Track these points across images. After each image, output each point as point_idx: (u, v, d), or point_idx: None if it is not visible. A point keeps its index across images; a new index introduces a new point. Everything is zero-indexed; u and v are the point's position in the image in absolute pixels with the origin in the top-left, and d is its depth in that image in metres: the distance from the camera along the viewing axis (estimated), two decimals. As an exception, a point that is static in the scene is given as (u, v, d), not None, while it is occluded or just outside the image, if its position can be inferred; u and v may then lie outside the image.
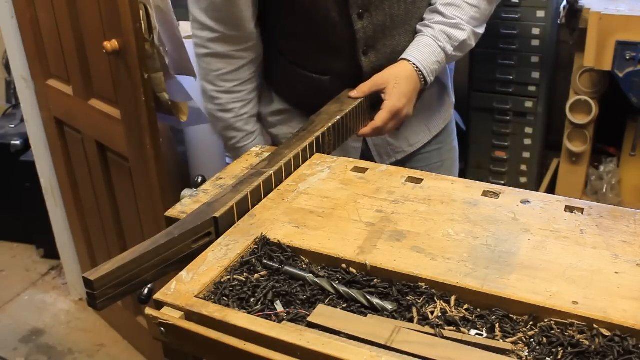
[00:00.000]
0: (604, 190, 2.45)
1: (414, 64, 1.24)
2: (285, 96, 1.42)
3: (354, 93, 1.25)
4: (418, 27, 1.29)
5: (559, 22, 2.42)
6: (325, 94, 1.29)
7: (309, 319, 0.68)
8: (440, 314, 0.69)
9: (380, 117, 1.23)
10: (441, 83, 1.47)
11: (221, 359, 0.68)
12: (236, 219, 0.87)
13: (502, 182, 2.69)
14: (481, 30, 1.32)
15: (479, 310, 0.70)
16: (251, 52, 1.34)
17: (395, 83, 1.22)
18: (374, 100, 1.26)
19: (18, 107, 2.74)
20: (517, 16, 2.48)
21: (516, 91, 2.57)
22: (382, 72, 1.25)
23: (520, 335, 0.66)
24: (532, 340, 0.66)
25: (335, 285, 0.73)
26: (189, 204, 0.94)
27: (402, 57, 1.26)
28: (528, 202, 0.89)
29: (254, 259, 0.78)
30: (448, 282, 0.72)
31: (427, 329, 0.67)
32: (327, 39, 1.28)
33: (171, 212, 0.93)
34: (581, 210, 0.87)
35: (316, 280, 0.74)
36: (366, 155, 1.44)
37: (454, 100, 1.54)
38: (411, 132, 1.44)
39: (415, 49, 1.26)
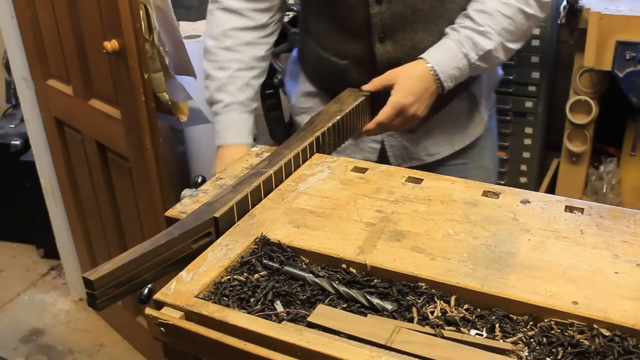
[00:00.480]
0: (604, 190, 2.45)
1: (429, 64, 1.20)
2: (312, 79, 1.44)
3: (365, 86, 1.24)
4: (446, 30, 1.24)
5: (559, 22, 2.42)
6: (344, 79, 1.29)
7: (309, 319, 0.68)
8: (440, 314, 0.69)
9: (384, 112, 1.21)
10: (472, 97, 1.41)
11: (221, 359, 0.68)
12: (236, 219, 0.87)
13: (502, 182, 2.69)
14: (514, 46, 1.24)
15: (479, 310, 0.70)
16: (264, 14, 1.31)
17: (405, 79, 1.19)
18: (385, 98, 1.24)
19: (18, 107, 2.74)
20: (517, 16, 2.48)
21: (516, 91, 2.57)
22: (396, 68, 1.22)
23: (520, 335, 0.66)
24: (532, 340, 0.66)
25: (335, 285, 0.73)
26: (189, 204, 0.94)
27: (420, 56, 1.22)
28: (528, 202, 0.89)
29: (254, 259, 0.78)
30: (448, 282, 0.72)
31: (427, 329, 0.67)
32: (347, 21, 1.27)
33: (171, 212, 0.93)
34: (581, 210, 0.87)
35: (316, 280, 0.74)
36: (383, 156, 1.42)
37: (486, 118, 1.45)
38: (432, 142, 1.40)
39: (435, 50, 1.21)
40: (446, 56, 1.20)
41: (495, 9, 1.19)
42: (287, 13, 2.43)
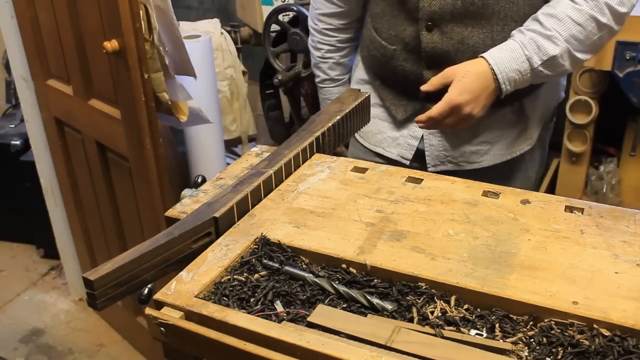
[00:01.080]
0: (604, 190, 2.45)
1: (489, 63, 1.15)
2: (366, 64, 1.45)
3: (424, 86, 1.21)
4: (512, 32, 1.19)
5: (559, 22, 2.42)
6: (392, 66, 1.30)
7: (309, 319, 0.68)
8: (440, 314, 0.69)
9: (437, 108, 1.16)
10: (524, 111, 1.34)
11: (221, 359, 0.68)
12: (236, 219, 0.87)
13: (502, 182, 2.68)
14: (583, 56, 1.17)
15: (479, 310, 0.70)
16: (347, 2, 1.42)
17: (462, 77, 1.15)
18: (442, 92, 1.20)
19: (18, 107, 2.74)
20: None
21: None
22: (455, 65, 1.18)
23: (520, 335, 0.66)
24: (532, 340, 0.66)
25: (335, 285, 0.73)
26: (189, 204, 0.94)
27: (481, 54, 1.17)
28: (528, 202, 0.89)
29: (254, 259, 0.78)
30: (448, 282, 0.72)
31: (427, 329, 0.67)
32: (399, 4, 1.27)
33: (171, 212, 0.93)
34: (581, 210, 0.87)
35: (316, 280, 0.74)
36: (420, 155, 1.39)
37: (535, 136, 1.38)
38: (473, 150, 1.35)
39: (497, 50, 1.17)
40: (508, 57, 1.15)
41: (565, 14, 1.14)
42: (287, 13, 2.43)
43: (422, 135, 1.37)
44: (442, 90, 1.19)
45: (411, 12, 1.25)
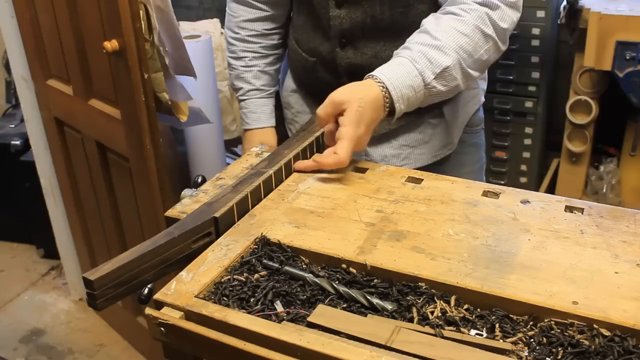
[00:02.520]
0: (604, 190, 2.45)
1: (380, 82, 1.03)
2: (292, 74, 1.45)
3: (318, 121, 1.06)
4: (397, 50, 1.11)
5: (559, 22, 2.42)
6: (313, 77, 1.29)
7: (309, 319, 0.68)
8: (440, 314, 0.69)
9: (343, 148, 0.99)
10: (442, 116, 1.31)
11: (221, 359, 0.68)
12: (236, 219, 0.87)
13: (502, 182, 2.69)
14: (474, 72, 1.11)
15: (479, 310, 0.70)
16: (273, 7, 1.38)
17: (359, 106, 1.00)
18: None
19: (18, 107, 2.73)
20: (517, 16, 2.48)
21: (516, 91, 2.57)
22: (342, 88, 1.03)
23: (520, 335, 0.66)
24: (532, 340, 0.66)
25: (335, 285, 0.73)
26: (189, 204, 0.94)
27: (368, 74, 1.06)
28: (528, 202, 0.89)
29: (254, 259, 0.78)
30: (448, 282, 0.72)
31: (427, 329, 0.67)
32: (315, 19, 1.28)
33: (171, 212, 0.93)
34: (581, 210, 0.87)
35: (316, 280, 0.74)
36: None
37: (456, 141, 1.34)
38: (392, 154, 1.33)
39: (387, 67, 1.07)
40: (399, 73, 1.04)
41: (450, 26, 1.09)
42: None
43: None
44: None
45: (325, 30, 1.26)
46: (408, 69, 1.05)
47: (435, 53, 1.06)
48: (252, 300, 0.72)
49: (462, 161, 1.41)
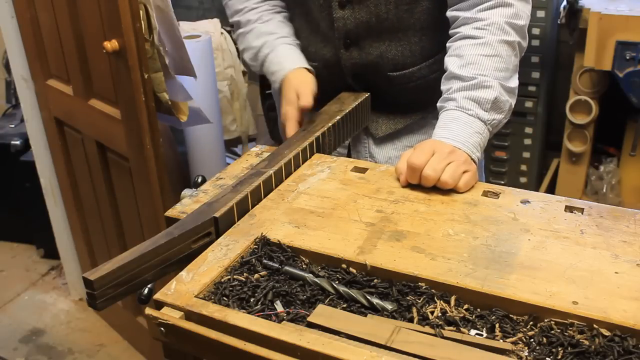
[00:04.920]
0: (604, 190, 2.45)
1: (449, 143, 1.01)
2: None
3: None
4: (439, 103, 1.10)
5: (559, 22, 2.42)
6: (317, 81, 1.27)
7: (309, 319, 0.68)
8: (440, 314, 0.69)
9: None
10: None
11: (221, 359, 0.68)
12: (236, 219, 0.87)
13: (502, 182, 2.69)
14: (512, 84, 1.09)
15: (479, 310, 0.70)
16: None
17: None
18: None
19: (18, 107, 2.74)
20: (517, 16, 2.48)
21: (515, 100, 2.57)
22: (414, 153, 0.97)
23: (520, 335, 0.66)
24: (532, 340, 0.66)
25: (335, 285, 0.73)
26: (189, 204, 0.94)
27: (434, 138, 1.04)
28: (528, 202, 0.89)
29: (254, 259, 0.78)
30: (448, 282, 0.72)
31: (427, 329, 0.67)
32: (313, 23, 1.27)
33: (171, 212, 0.93)
34: (581, 210, 0.87)
35: (316, 280, 0.74)
36: None
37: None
38: (396, 155, 1.31)
39: (443, 128, 1.04)
40: (456, 127, 1.03)
41: (476, 55, 1.07)
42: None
43: (349, 144, 1.36)
44: None
45: (327, 32, 1.25)
46: (464, 119, 1.04)
47: (478, 92, 1.05)
48: (252, 300, 0.72)
49: None
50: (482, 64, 1.06)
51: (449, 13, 1.15)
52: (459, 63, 1.08)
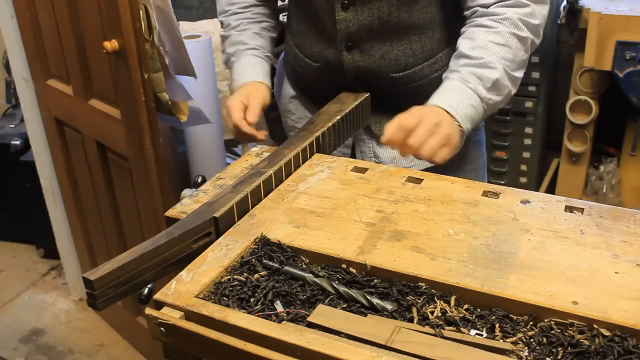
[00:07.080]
0: (604, 190, 2.45)
1: (442, 107, 1.06)
2: (291, 80, 1.44)
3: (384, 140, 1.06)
4: (443, 75, 1.15)
5: (559, 22, 2.42)
6: (317, 82, 1.28)
7: (309, 319, 0.68)
8: (440, 314, 0.69)
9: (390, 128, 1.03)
10: None
11: (221, 359, 0.68)
12: (236, 219, 0.87)
13: (502, 182, 2.69)
14: (518, 74, 1.14)
15: (479, 310, 0.70)
16: None
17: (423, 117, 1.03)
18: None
19: (18, 107, 2.74)
20: (517, 16, 2.48)
21: (516, 91, 2.57)
22: (406, 113, 1.05)
23: (520, 335, 0.66)
24: (532, 340, 0.66)
25: (335, 285, 0.73)
26: (189, 204, 0.94)
27: (429, 102, 1.09)
28: (528, 202, 0.89)
29: (254, 259, 0.78)
30: (448, 282, 0.72)
31: (427, 329, 0.67)
32: (317, 24, 1.28)
33: (171, 212, 0.93)
34: (581, 210, 0.87)
35: (316, 280, 0.74)
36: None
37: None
38: (399, 156, 1.29)
39: (442, 94, 1.10)
40: (455, 95, 1.08)
41: (487, 41, 1.12)
42: (285, 13, 2.43)
43: (353, 143, 1.37)
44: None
45: (330, 34, 1.26)
46: (462, 90, 1.09)
47: (482, 70, 1.10)
48: (252, 300, 0.72)
49: (466, 158, 1.42)
50: (491, 49, 1.11)
51: (469, 4, 1.18)
52: (470, 45, 1.13)
